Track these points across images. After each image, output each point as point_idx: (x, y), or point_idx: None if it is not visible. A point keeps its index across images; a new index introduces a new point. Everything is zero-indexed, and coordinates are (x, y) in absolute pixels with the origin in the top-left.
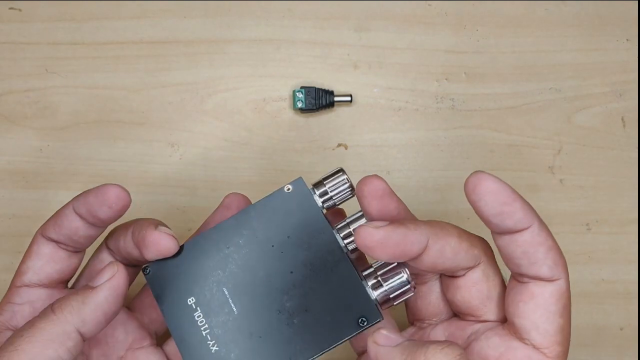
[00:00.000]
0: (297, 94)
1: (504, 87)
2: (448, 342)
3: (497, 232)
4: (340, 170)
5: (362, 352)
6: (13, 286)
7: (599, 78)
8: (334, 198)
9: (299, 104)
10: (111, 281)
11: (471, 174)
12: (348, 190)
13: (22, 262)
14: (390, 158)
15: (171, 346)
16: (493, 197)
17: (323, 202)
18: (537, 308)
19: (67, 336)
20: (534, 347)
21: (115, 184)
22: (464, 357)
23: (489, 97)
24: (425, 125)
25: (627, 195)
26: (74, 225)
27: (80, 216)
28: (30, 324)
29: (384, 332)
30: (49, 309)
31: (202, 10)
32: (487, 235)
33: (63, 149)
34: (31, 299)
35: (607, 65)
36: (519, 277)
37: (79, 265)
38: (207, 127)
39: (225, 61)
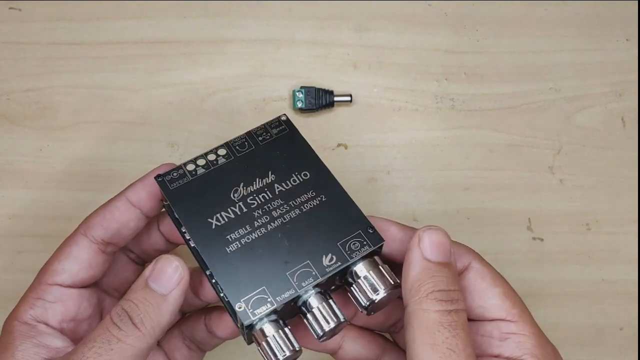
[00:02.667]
0: (297, 93)
1: (504, 87)
2: (453, 299)
3: (397, 260)
4: None
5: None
6: (44, 282)
7: (599, 78)
8: None
9: (299, 104)
10: (180, 285)
11: None
12: None
13: (57, 259)
14: (390, 158)
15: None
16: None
17: None
18: (475, 295)
19: (151, 348)
20: (498, 320)
21: (166, 164)
22: (459, 315)
23: (489, 97)
24: (425, 125)
25: (627, 195)
26: (126, 217)
27: (136, 205)
28: (115, 337)
29: (433, 237)
30: (130, 323)
31: (202, 10)
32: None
33: (63, 149)
34: (63, 298)
35: (607, 65)
36: None
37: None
38: (207, 127)
39: (225, 61)
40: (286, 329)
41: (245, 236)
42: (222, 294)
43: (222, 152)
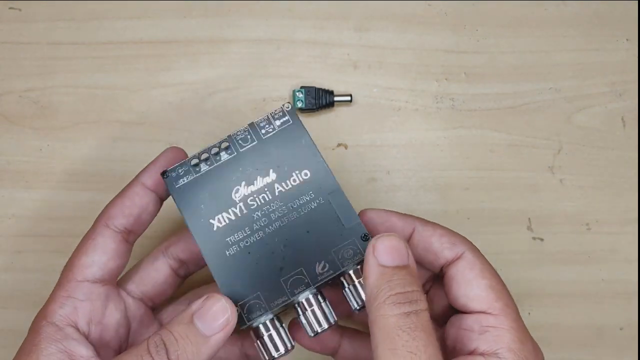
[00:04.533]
0: (297, 93)
1: (504, 87)
2: (412, 299)
3: None
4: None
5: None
6: (73, 279)
7: (599, 78)
8: None
9: (299, 104)
10: (225, 330)
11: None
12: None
13: (83, 253)
14: (390, 158)
15: None
16: (375, 221)
17: None
18: (461, 283)
19: None
20: (479, 312)
21: (172, 147)
22: (419, 315)
23: (489, 97)
24: (425, 125)
25: (627, 195)
26: (145, 201)
27: (152, 189)
28: None
29: (386, 243)
30: (165, 357)
31: (202, 10)
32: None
33: (63, 149)
34: (91, 297)
35: (607, 65)
36: (439, 272)
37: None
38: (207, 127)
39: (225, 61)
40: (280, 329)
41: (244, 239)
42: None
43: (224, 145)
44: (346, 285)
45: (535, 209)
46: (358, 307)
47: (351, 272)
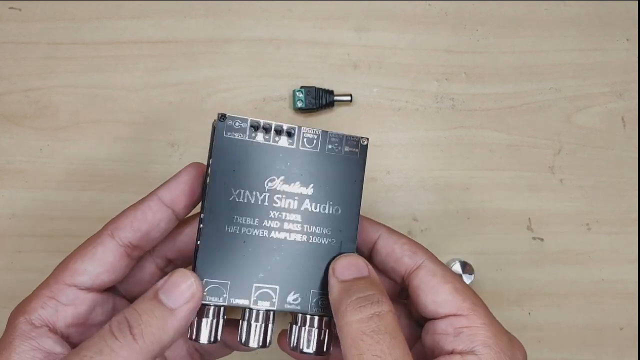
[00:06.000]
0: (297, 93)
1: (504, 87)
2: (373, 301)
3: (364, 254)
4: None
5: None
6: (61, 282)
7: (599, 78)
8: None
9: (299, 104)
10: (191, 303)
11: None
12: None
13: (80, 258)
14: (390, 158)
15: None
16: None
17: None
18: (427, 291)
19: None
20: (450, 316)
21: (195, 163)
22: (382, 317)
23: (489, 97)
24: (425, 125)
25: (627, 195)
26: (158, 217)
27: (169, 204)
28: (109, 347)
29: (344, 261)
30: (128, 333)
31: (202, 10)
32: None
33: (63, 149)
34: (76, 302)
35: (607, 65)
36: (402, 281)
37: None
38: (207, 127)
39: (225, 61)
40: (221, 321)
41: (248, 227)
42: (196, 255)
43: (289, 130)
44: (298, 322)
45: (535, 209)
46: (293, 347)
47: (308, 316)
